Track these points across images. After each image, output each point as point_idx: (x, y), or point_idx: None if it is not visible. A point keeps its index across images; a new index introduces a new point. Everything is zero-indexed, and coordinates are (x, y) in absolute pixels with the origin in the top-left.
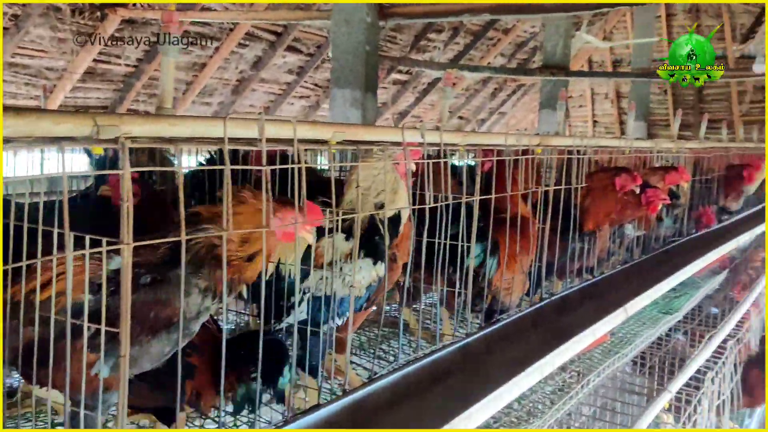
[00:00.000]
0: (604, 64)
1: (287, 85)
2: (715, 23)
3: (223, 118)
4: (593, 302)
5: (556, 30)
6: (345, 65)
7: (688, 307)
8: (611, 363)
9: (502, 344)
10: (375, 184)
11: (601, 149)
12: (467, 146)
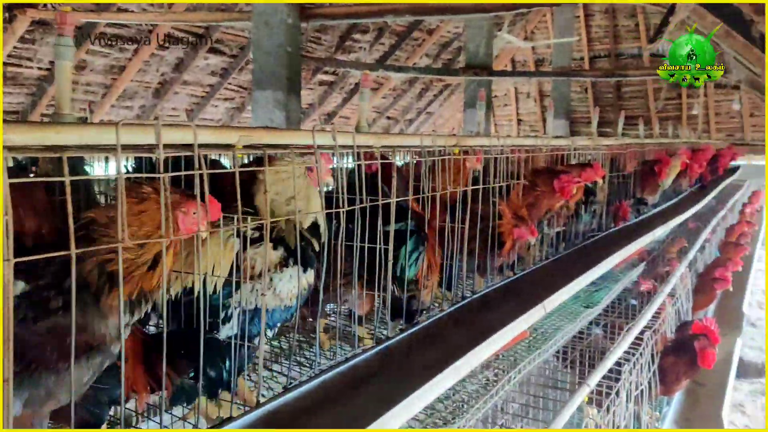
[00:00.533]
0: (526, 63)
1: (211, 87)
2: (630, 23)
3: (116, 124)
4: (514, 299)
5: (478, 31)
6: (267, 67)
7: (608, 300)
8: (532, 359)
9: (423, 345)
10: (285, 190)
11: (518, 148)
12: (382, 148)
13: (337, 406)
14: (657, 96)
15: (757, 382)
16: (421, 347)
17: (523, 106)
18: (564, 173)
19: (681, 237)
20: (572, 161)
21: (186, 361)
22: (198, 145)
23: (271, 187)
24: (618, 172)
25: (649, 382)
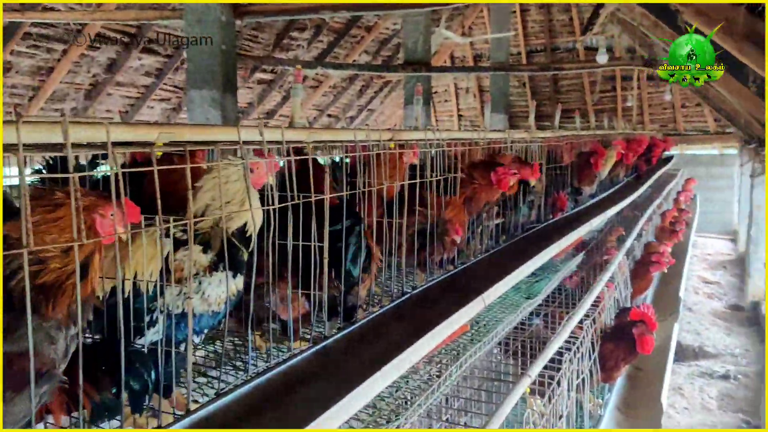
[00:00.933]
0: (465, 59)
1: (146, 88)
2: (564, 17)
3: (16, 120)
4: (454, 293)
5: (415, 27)
6: (201, 65)
7: (548, 290)
8: (473, 353)
9: (362, 343)
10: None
11: (455, 142)
12: (313, 143)
13: (272, 410)
14: (593, 89)
15: (694, 364)
16: (360, 345)
17: (463, 102)
18: (501, 166)
19: (618, 226)
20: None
21: (107, 376)
22: (113, 143)
23: (207, 191)
24: (555, 164)
25: (590, 369)
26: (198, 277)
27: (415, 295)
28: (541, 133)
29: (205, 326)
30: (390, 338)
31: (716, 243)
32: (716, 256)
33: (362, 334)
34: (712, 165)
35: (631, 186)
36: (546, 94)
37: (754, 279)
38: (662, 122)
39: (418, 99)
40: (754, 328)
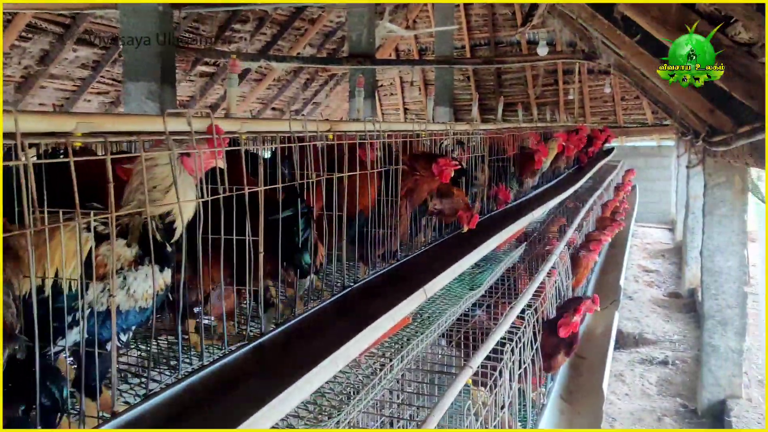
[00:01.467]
0: (410, 52)
1: (82, 80)
2: (507, 11)
3: None
4: (395, 286)
5: (359, 19)
6: (138, 57)
7: (491, 281)
8: (415, 345)
9: (300, 339)
10: (150, 181)
11: (395, 133)
12: (247, 134)
13: (203, 410)
14: (535, 82)
15: (635, 351)
16: (299, 341)
17: (408, 95)
18: (442, 157)
19: (560, 216)
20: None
21: (13, 394)
22: (24, 133)
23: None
24: (498, 156)
25: (532, 359)
26: (122, 272)
27: (356, 288)
28: (484, 125)
29: (133, 323)
30: (330, 333)
31: (655, 232)
32: (655, 245)
33: (301, 329)
34: (651, 156)
35: (573, 177)
36: (490, 88)
37: (691, 267)
38: (603, 115)
39: (360, 91)
40: (691, 314)
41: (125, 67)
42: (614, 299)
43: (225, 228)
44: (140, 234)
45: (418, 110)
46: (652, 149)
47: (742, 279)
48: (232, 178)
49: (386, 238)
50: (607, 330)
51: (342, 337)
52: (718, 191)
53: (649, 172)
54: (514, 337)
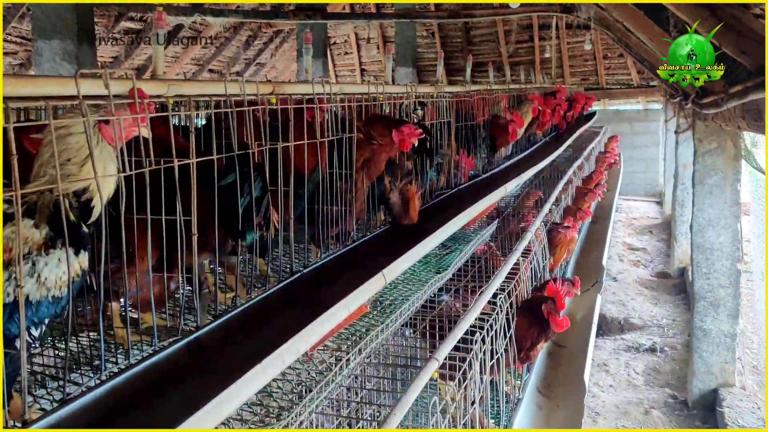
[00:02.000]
0: (367, 6)
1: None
2: None
3: None
4: (351, 270)
5: None
6: (49, 12)
7: (459, 263)
8: (374, 336)
9: (243, 332)
10: (63, 153)
11: (349, 96)
12: (175, 97)
13: (130, 416)
14: (508, 39)
15: (619, 338)
16: (241, 334)
17: (365, 54)
18: (405, 124)
19: (536, 190)
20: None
21: None
22: None
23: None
24: (467, 122)
25: (506, 348)
26: (31, 257)
27: (307, 273)
28: (451, 87)
29: (46, 315)
30: (276, 324)
31: (642, 206)
32: (642, 220)
33: (243, 321)
34: (636, 121)
35: (550, 146)
36: (457, 45)
37: (681, 243)
38: (583, 75)
39: (308, 49)
40: (681, 296)
41: (35, 23)
42: (596, 281)
43: (152, 206)
44: (50, 213)
45: (376, 71)
46: (637, 113)
47: (735, 256)
48: (159, 148)
49: (340, 216)
50: (588, 315)
51: (290, 329)
52: (709, 158)
53: (634, 138)
54: (485, 325)
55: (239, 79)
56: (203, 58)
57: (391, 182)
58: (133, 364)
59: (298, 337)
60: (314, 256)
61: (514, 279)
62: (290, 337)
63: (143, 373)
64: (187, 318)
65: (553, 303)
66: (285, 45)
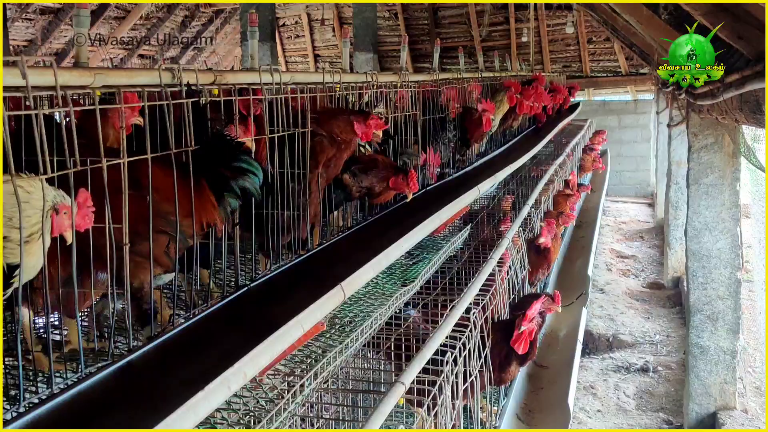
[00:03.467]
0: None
1: None
2: None
3: None
4: (305, 283)
5: None
6: None
7: (428, 275)
8: (331, 359)
9: (181, 356)
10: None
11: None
12: (102, 88)
13: None
14: (480, 21)
15: (608, 357)
16: (179, 358)
17: (320, 38)
18: (368, 115)
19: (512, 191)
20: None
21: None
22: None
23: None
24: (435, 115)
25: (480, 370)
26: None
27: (255, 287)
28: (416, 75)
29: None
30: (219, 346)
31: (631, 208)
32: (632, 225)
33: (182, 343)
34: (625, 113)
35: (529, 140)
36: (423, 28)
37: (675, 250)
38: (565, 62)
39: (253, 31)
40: (676, 309)
41: None
42: (581, 293)
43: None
44: None
45: (332, 57)
46: (626, 105)
47: (734, 263)
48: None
49: (293, 222)
50: (572, 332)
51: (236, 351)
52: (705, 155)
53: (623, 133)
54: (457, 344)
55: (175, 67)
56: (132, 41)
57: (351, 177)
58: (56, 394)
59: (245, 360)
60: (263, 267)
61: (488, 292)
62: (236, 361)
63: (68, 403)
64: (117, 339)
65: (522, 317)
66: (227, 27)
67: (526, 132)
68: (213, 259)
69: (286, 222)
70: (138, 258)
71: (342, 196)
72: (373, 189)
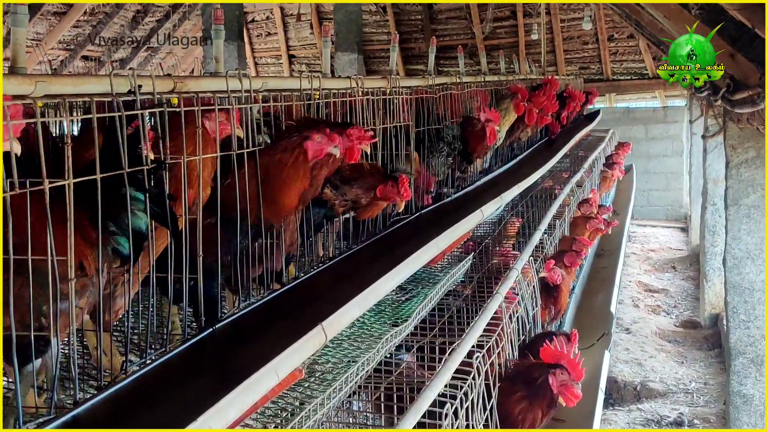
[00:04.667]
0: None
1: None
2: None
3: None
4: (280, 323)
5: None
6: None
7: (423, 313)
8: (310, 412)
9: (136, 410)
10: None
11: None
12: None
13: None
14: (483, 16)
15: (635, 408)
16: (133, 412)
17: (295, 36)
18: (350, 126)
19: (521, 214)
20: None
21: None
22: None
23: None
24: (431, 126)
25: (485, 425)
26: None
27: (220, 328)
28: (409, 80)
29: None
30: (180, 397)
31: (662, 234)
32: (662, 253)
33: (137, 395)
34: (653, 123)
35: (540, 155)
36: (416, 25)
37: (713, 282)
38: (582, 63)
39: (218, 29)
40: (714, 351)
41: None
42: (603, 333)
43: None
44: None
45: (309, 58)
46: (654, 112)
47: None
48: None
49: (265, 252)
50: (593, 378)
51: (199, 402)
52: (745, 171)
53: (650, 145)
54: (458, 393)
55: (129, 73)
56: (75, 41)
57: (332, 191)
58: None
59: (210, 413)
60: (230, 304)
61: (495, 332)
62: (199, 416)
63: None
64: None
65: (566, 371)
66: (186, 24)
67: (538, 145)
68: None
69: (258, 252)
70: None
71: (323, 214)
72: (359, 201)
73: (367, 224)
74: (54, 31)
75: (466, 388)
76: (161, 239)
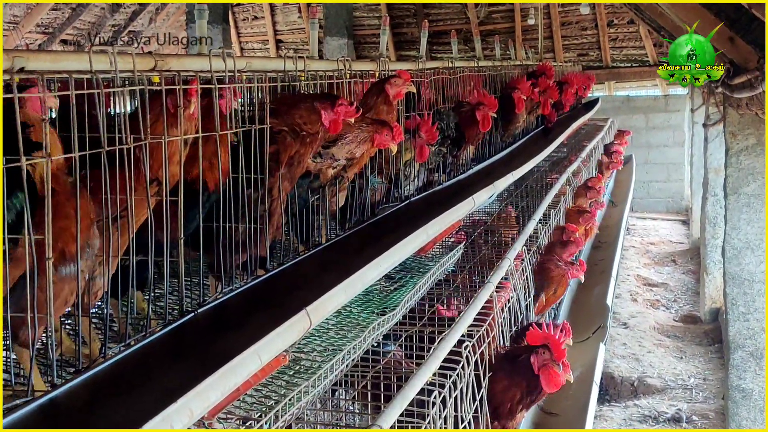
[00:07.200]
0: None
1: None
2: None
3: None
4: (264, 309)
5: None
6: None
7: (411, 301)
8: (294, 399)
9: (114, 394)
10: None
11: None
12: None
13: None
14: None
15: (632, 404)
16: (111, 397)
17: (282, 20)
18: (335, 99)
19: (515, 203)
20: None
21: None
22: None
23: None
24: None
25: (474, 415)
26: None
27: (203, 313)
28: (400, 64)
29: None
30: (159, 382)
31: (662, 226)
32: (662, 246)
33: (116, 379)
34: (654, 111)
35: (535, 144)
36: (408, 9)
37: (714, 276)
38: (581, 50)
39: (202, 10)
40: (714, 346)
41: None
42: (599, 326)
43: None
44: None
45: (298, 43)
46: (655, 101)
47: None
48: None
49: (249, 236)
50: (587, 373)
51: (178, 388)
52: (745, 159)
53: (651, 135)
54: (446, 382)
55: (109, 51)
56: (54, 23)
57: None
58: None
59: (190, 395)
60: (213, 290)
61: (485, 322)
62: (178, 399)
63: None
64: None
65: (549, 351)
66: (169, 7)
67: (533, 133)
68: (152, 281)
69: (242, 237)
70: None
71: (316, 184)
72: (353, 156)
73: (355, 210)
74: (31, 14)
75: (454, 377)
76: (141, 214)
